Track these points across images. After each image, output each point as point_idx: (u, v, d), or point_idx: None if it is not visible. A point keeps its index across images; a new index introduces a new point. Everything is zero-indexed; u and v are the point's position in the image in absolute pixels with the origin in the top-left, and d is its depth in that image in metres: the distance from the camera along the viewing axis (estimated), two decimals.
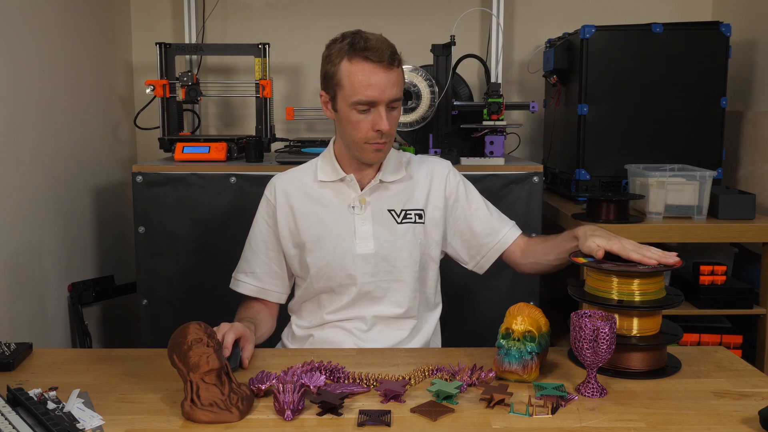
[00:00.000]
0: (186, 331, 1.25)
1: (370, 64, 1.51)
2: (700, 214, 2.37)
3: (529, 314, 1.36)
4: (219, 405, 1.18)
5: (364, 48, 1.51)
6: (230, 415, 1.18)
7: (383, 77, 1.51)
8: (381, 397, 1.27)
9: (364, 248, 1.63)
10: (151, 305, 2.36)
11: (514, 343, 1.33)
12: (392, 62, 1.52)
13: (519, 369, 1.32)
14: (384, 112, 1.53)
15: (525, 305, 1.39)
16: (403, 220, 1.65)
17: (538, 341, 1.34)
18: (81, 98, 2.54)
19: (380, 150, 1.58)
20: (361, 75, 1.51)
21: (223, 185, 2.34)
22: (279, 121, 2.99)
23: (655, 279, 1.40)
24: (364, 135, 1.56)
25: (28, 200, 2.14)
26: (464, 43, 2.85)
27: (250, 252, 1.72)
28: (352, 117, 1.55)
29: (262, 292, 1.70)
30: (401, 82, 1.57)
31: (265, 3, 3.07)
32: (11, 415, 1.17)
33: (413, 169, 1.71)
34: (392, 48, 1.54)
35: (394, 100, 1.54)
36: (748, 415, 1.20)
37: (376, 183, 1.65)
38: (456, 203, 1.71)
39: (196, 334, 1.24)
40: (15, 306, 2.04)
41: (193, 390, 1.20)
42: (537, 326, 1.35)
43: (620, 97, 2.58)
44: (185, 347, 1.22)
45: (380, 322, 1.66)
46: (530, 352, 1.32)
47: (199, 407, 1.18)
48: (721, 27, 2.54)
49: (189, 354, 1.21)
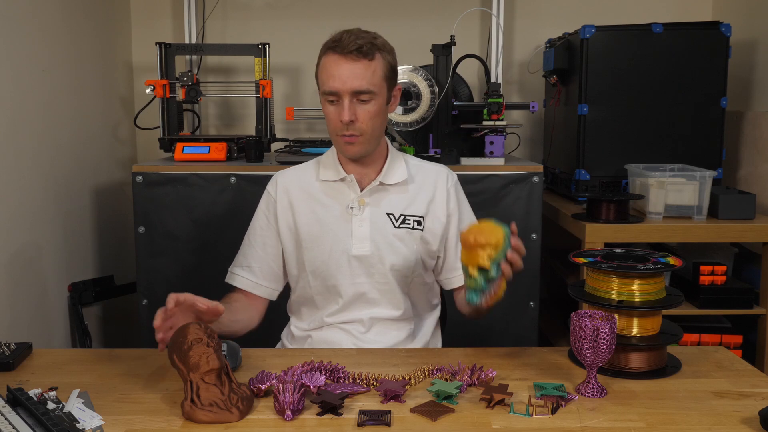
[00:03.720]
0: (186, 331, 1.24)
1: (335, 56, 1.54)
2: (700, 214, 2.37)
3: (478, 239, 1.34)
4: (219, 405, 1.18)
5: (333, 41, 1.55)
6: (230, 415, 1.18)
7: (345, 68, 1.52)
8: (381, 397, 1.27)
9: (360, 249, 1.62)
10: (151, 305, 2.36)
11: (471, 283, 1.37)
12: (359, 54, 1.52)
13: (482, 302, 1.39)
14: (347, 103, 1.53)
15: (470, 235, 1.36)
16: (401, 225, 1.65)
17: (492, 268, 1.34)
18: (81, 98, 2.54)
19: (351, 143, 1.58)
20: (327, 66, 1.55)
21: (223, 185, 2.34)
22: (279, 121, 2.99)
23: (655, 279, 1.40)
24: (333, 126, 1.58)
25: (28, 200, 2.14)
26: (464, 43, 2.85)
27: (248, 246, 1.72)
28: (324, 108, 1.59)
29: (257, 287, 1.69)
30: (373, 75, 1.54)
31: (265, 3, 3.07)
32: (11, 415, 1.17)
33: (416, 174, 1.70)
34: (364, 41, 1.53)
35: (360, 92, 1.53)
36: (748, 415, 1.20)
37: (376, 185, 1.65)
38: (450, 220, 1.69)
39: (196, 334, 1.24)
40: (15, 306, 2.04)
41: (193, 390, 1.20)
42: (486, 254, 1.34)
43: (620, 97, 2.58)
44: (185, 347, 1.22)
45: (378, 323, 1.66)
46: (488, 281, 1.36)
47: (199, 407, 1.18)
48: (721, 27, 2.54)
49: (189, 354, 1.21)
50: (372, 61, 1.54)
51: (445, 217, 1.68)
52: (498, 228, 1.37)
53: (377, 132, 1.60)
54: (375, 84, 1.55)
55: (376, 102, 1.56)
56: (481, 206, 2.23)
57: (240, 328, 1.63)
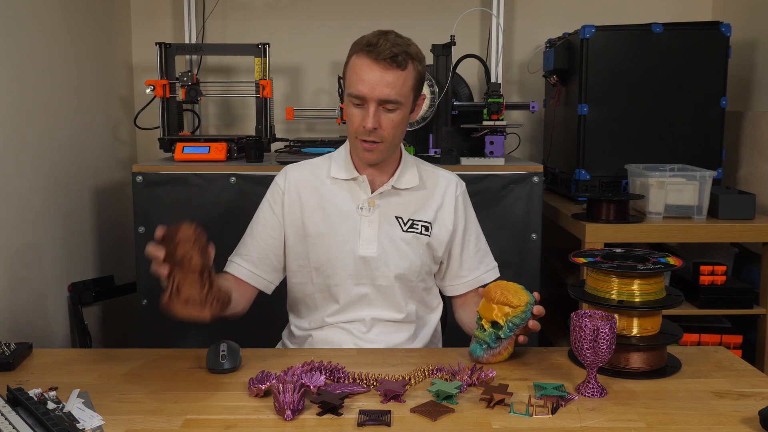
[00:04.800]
0: (177, 230, 1.29)
1: (368, 60, 1.51)
2: (700, 214, 2.37)
3: (501, 296, 1.40)
4: (194, 302, 1.26)
5: (368, 44, 1.52)
6: (202, 311, 1.26)
7: (376, 75, 1.50)
8: (381, 397, 1.27)
9: (367, 250, 1.62)
10: (151, 305, 2.36)
11: (479, 334, 1.42)
12: (393, 63, 1.50)
13: (484, 358, 1.43)
14: (372, 110, 1.52)
15: (496, 289, 1.42)
16: (409, 229, 1.65)
17: (506, 327, 1.39)
18: (81, 98, 2.54)
19: (369, 150, 1.57)
20: (358, 69, 1.53)
21: (223, 185, 2.34)
22: (279, 121, 2.99)
23: (655, 279, 1.40)
24: (355, 128, 1.56)
25: (28, 200, 2.13)
26: (464, 43, 2.85)
27: (249, 236, 1.71)
28: (348, 109, 1.57)
29: (253, 278, 1.68)
30: (402, 85, 1.52)
31: (265, 3, 3.07)
32: (11, 415, 1.17)
33: (427, 180, 1.70)
34: (400, 50, 1.51)
35: (387, 101, 1.52)
36: (748, 415, 1.20)
37: (388, 188, 1.64)
38: (456, 228, 1.70)
39: (185, 233, 1.28)
40: (15, 306, 2.04)
41: (174, 284, 1.27)
42: (505, 312, 1.39)
43: (620, 97, 2.58)
44: (173, 244, 1.27)
45: (379, 323, 1.66)
46: (497, 339, 1.41)
47: (176, 301, 1.25)
48: (721, 27, 2.54)
49: (176, 251, 1.27)
50: (404, 71, 1.52)
51: (452, 225, 1.69)
52: (524, 292, 1.42)
53: (397, 140, 1.60)
54: (403, 95, 1.53)
55: (402, 111, 1.55)
56: (481, 206, 2.22)
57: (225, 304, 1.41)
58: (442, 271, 1.74)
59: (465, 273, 1.73)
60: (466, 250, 1.72)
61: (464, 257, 1.72)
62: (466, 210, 1.73)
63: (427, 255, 1.67)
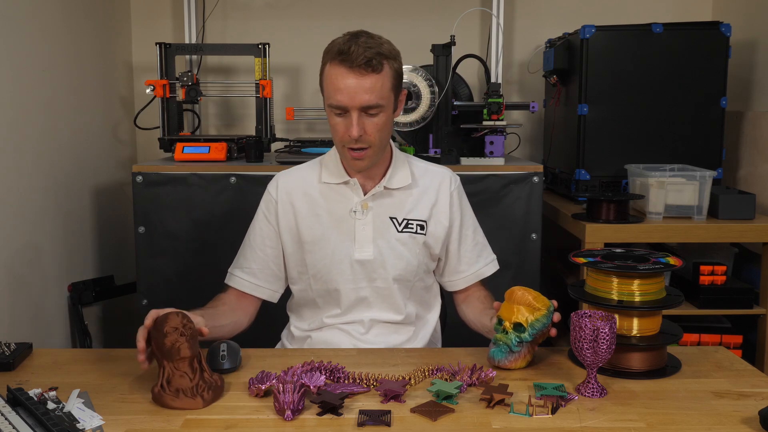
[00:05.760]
0: (165, 320, 1.30)
1: (343, 69, 1.47)
2: (700, 214, 2.37)
3: (524, 298, 1.40)
4: (185, 393, 1.24)
5: (339, 51, 1.48)
6: (194, 402, 1.23)
7: (353, 82, 1.47)
8: (381, 397, 1.27)
9: (363, 254, 1.62)
10: (151, 305, 2.35)
11: (501, 337, 1.40)
12: (368, 68, 1.47)
13: (505, 362, 1.41)
14: (356, 118, 1.49)
15: (519, 290, 1.42)
16: (404, 229, 1.64)
17: (529, 329, 1.38)
18: (81, 98, 2.54)
19: (359, 158, 1.54)
20: (333, 79, 1.49)
21: (223, 185, 2.34)
22: (279, 121, 2.99)
23: (655, 279, 1.40)
24: (340, 138, 1.53)
25: (28, 200, 2.14)
26: (464, 43, 2.85)
27: (248, 248, 1.70)
28: (330, 119, 1.54)
29: (256, 289, 1.68)
30: (381, 88, 1.49)
31: (265, 3, 3.07)
32: (11, 415, 1.17)
33: (419, 177, 1.68)
34: (373, 53, 1.47)
35: (369, 107, 1.49)
36: (748, 415, 1.20)
37: (380, 189, 1.63)
38: (453, 223, 1.69)
39: (173, 322, 1.29)
40: (15, 306, 2.04)
41: (164, 376, 1.26)
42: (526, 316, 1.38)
43: (620, 97, 2.58)
44: (162, 335, 1.28)
45: (378, 325, 1.66)
46: (519, 343, 1.39)
47: (167, 393, 1.24)
48: (721, 27, 2.54)
49: (164, 342, 1.27)
50: (380, 74, 1.49)
51: (448, 221, 1.68)
52: (544, 298, 1.43)
53: (385, 142, 1.58)
54: (384, 97, 1.51)
55: (385, 114, 1.53)
56: (481, 206, 2.23)
57: (225, 333, 1.58)
58: (441, 267, 1.74)
59: (464, 268, 1.72)
60: (463, 244, 1.71)
61: (462, 252, 1.72)
62: (462, 204, 1.72)
63: (423, 254, 1.66)
